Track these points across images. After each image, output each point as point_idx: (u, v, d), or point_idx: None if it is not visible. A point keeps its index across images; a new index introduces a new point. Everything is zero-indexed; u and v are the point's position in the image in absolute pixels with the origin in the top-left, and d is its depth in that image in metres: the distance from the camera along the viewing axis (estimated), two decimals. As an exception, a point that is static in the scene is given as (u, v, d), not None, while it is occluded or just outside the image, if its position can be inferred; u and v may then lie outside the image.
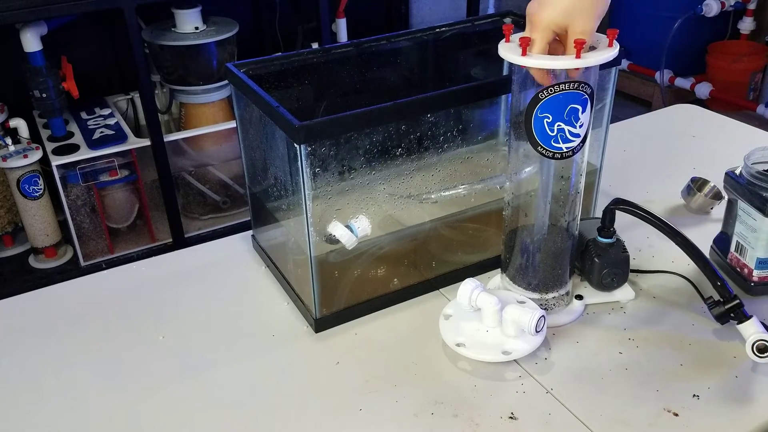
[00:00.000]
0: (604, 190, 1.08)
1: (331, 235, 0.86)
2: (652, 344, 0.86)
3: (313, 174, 0.80)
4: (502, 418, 0.77)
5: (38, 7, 1.84)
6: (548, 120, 0.77)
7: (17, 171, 2.03)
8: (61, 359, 0.88)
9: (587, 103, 0.78)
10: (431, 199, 0.94)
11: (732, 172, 0.94)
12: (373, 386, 0.82)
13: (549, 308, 0.90)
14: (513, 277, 0.90)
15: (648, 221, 0.87)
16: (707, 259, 0.85)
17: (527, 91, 0.78)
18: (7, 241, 2.23)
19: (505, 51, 0.77)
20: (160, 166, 2.14)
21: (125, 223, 2.27)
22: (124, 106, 2.42)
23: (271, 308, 0.95)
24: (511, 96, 0.82)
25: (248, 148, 1.01)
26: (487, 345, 0.83)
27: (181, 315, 0.95)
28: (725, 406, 0.78)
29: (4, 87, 2.19)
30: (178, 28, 2.22)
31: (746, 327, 0.82)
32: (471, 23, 1.11)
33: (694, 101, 2.79)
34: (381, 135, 0.84)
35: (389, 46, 1.05)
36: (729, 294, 0.83)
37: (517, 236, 0.88)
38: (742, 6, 3.22)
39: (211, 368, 0.86)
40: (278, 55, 1.00)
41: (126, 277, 1.03)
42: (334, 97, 1.05)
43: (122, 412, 0.80)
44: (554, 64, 0.74)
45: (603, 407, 0.78)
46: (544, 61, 0.75)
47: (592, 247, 0.91)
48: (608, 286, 0.92)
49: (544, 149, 0.79)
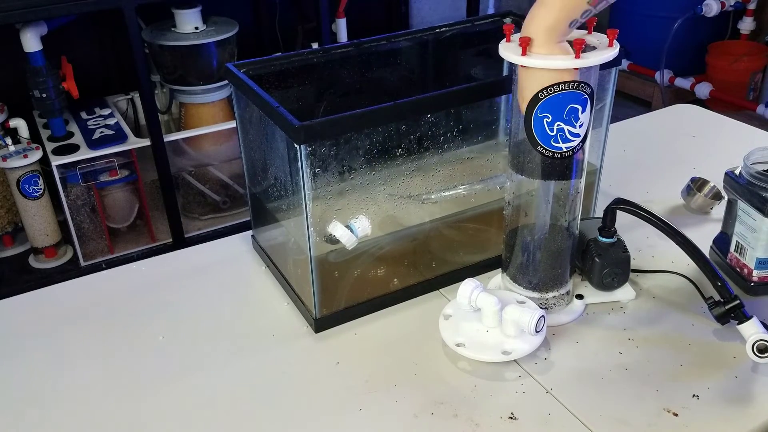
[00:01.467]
0: (604, 190, 1.08)
1: (331, 236, 0.86)
2: (652, 344, 0.86)
3: (313, 174, 0.81)
4: (502, 418, 0.77)
5: (38, 7, 1.85)
6: (548, 120, 0.77)
7: (17, 171, 2.03)
8: (61, 359, 0.88)
9: (587, 102, 0.78)
10: (431, 199, 0.94)
11: (732, 172, 0.94)
12: (373, 386, 0.82)
13: (549, 308, 0.90)
14: (513, 276, 0.91)
15: (649, 221, 0.88)
16: (707, 260, 0.85)
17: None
18: (7, 241, 2.23)
19: (506, 50, 0.77)
20: (160, 166, 2.14)
21: (125, 223, 2.27)
22: (124, 106, 2.42)
23: (271, 308, 0.95)
24: (512, 96, 0.82)
25: (248, 148, 1.01)
26: (487, 345, 0.83)
27: (181, 315, 0.95)
28: (725, 406, 0.78)
29: (4, 87, 2.19)
30: (178, 28, 2.22)
31: (746, 327, 0.82)
32: (471, 23, 1.11)
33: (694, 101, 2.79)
34: (381, 135, 0.84)
35: (389, 46, 1.05)
36: (729, 294, 0.83)
37: (518, 235, 0.88)
38: (742, 6, 3.22)
39: (211, 368, 0.86)
40: (278, 55, 1.00)
41: (126, 277, 1.03)
42: (334, 97, 1.05)
43: (122, 412, 0.80)
44: (554, 64, 0.74)
45: (603, 407, 0.78)
46: (544, 61, 0.75)
47: (592, 247, 0.91)
48: (609, 286, 0.92)
49: (543, 149, 0.79)
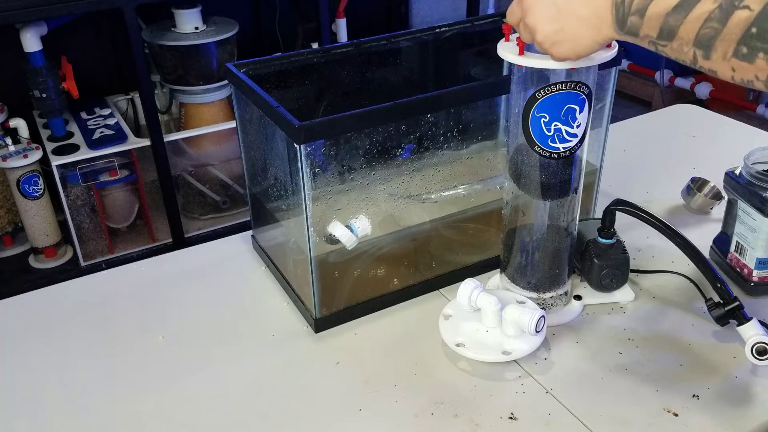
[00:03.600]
0: (604, 190, 1.08)
1: (331, 235, 0.86)
2: (652, 344, 0.86)
3: (313, 174, 0.81)
4: (502, 418, 0.77)
5: (38, 7, 1.84)
6: (545, 119, 0.77)
7: (17, 171, 2.02)
8: (61, 359, 0.88)
9: (585, 103, 0.78)
10: (431, 199, 0.94)
11: (732, 172, 0.94)
12: (373, 386, 0.82)
13: (547, 308, 0.90)
14: (512, 276, 0.91)
15: (648, 222, 0.87)
16: (707, 261, 0.85)
17: (526, 91, 0.78)
18: (7, 241, 2.23)
19: (504, 50, 0.77)
20: (160, 166, 2.14)
21: (125, 223, 2.27)
22: (124, 106, 2.41)
23: (271, 308, 0.95)
24: (510, 95, 0.82)
25: (248, 148, 1.01)
26: (487, 345, 0.83)
27: (181, 315, 0.95)
28: (725, 406, 0.78)
29: (4, 87, 2.19)
30: (178, 28, 2.22)
31: (746, 329, 0.82)
32: (471, 23, 1.11)
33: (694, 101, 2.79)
34: (381, 135, 0.84)
35: (389, 46, 1.05)
36: (729, 296, 0.83)
37: (516, 235, 0.88)
38: (742, 6, 3.21)
39: (211, 368, 0.86)
40: (278, 55, 1.00)
41: (126, 277, 1.03)
42: (334, 97, 1.05)
43: (122, 412, 0.80)
44: (551, 63, 0.74)
45: (603, 407, 0.78)
46: (540, 60, 0.75)
47: (592, 248, 0.91)
48: (607, 287, 0.92)
49: (540, 149, 0.79)
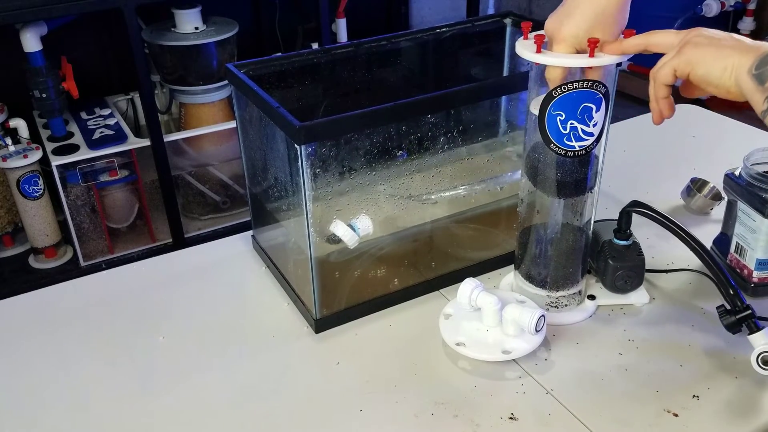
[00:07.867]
0: (604, 190, 1.08)
1: (332, 236, 0.86)
2: (652, 345, 0.86)
3: (313, 174, 0.81)
4: (502, 419, 0.77)
5: (38, 7, 1.85)
6: (561, 118, 0.77)
7: (17, 171, 2.03)
8: (61, 359, 0.88)
9: (601, 102, 0.78)
10: (431, 199, 0.94)
11: (731, 173, 0.94)
12: (373, 386, 0.82)
13: (560, 306, 0.90)
14: (525, 273, 0.90)
15: (664, 225, 0.86)
16: (721, 266, 0.83)
17: (544, 88, 0.78)
18: (7, 241, 2.23)
19: (522, 48, 0.78)
20: (160, 166, 2.14)
21: (125, 223, 2.27)
22: (124, 106, 2.42)
23: (271, 309, 0.95)
24: (528, 92, 0.82)
25: (248, 149, 1.01)
26: (487, 344, 0.83)
27: (181, 315, 0.95)
28: (725, 406, 0.78)
29: (4, 87, 2.19)
30: (178, 28, 2.22)
31: (756, 338, 0.80)
32: (471, 23, 1.11)
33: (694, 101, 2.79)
34: (381, 135, 0.84)
35: (389, 47, 1.05)
36: (742, 303, 0.81)
37: (531, 233, 0.88)
38: (742, 6, 3.22)
39: (211, 368, 0.86)
40: (278, 55, 1.00)
41: (126, 277, 1.03)
42: (335, 97, 1.05)
43: (122, 412, 0.80)
44: (566, 62, 0.75)
45: (603, 407, 0.78)
46: (556, 59, 0.75)
47: (607, 249, 0.91)
48: (621, 288, 0.91)
49: (556, 146, 0.79)
